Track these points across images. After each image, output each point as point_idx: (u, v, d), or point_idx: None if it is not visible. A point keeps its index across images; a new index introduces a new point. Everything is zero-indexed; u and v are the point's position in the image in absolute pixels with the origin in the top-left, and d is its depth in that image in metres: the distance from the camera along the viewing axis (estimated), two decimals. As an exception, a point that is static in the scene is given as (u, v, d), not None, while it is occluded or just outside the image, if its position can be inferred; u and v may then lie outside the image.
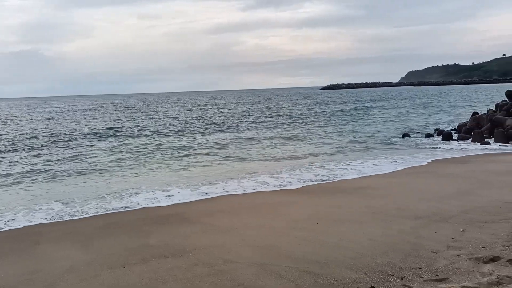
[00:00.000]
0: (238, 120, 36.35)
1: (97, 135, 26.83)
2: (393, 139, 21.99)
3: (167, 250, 6.25)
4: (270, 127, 29.83)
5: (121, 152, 19.16)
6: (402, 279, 4.78)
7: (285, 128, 28.81)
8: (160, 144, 21.55)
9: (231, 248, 6.14)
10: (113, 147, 20.97)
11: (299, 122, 33.18)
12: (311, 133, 25.77)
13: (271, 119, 37.29)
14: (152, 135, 26.31)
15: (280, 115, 41.32)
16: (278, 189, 10.85)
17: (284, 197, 9.74)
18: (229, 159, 16.59)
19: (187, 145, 20.90)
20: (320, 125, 30.52)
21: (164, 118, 41.77)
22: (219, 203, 9.44)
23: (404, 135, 22.90)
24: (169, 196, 10.49)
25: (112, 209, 9.38)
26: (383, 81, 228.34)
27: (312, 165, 14.50)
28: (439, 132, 22.33)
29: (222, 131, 28.19)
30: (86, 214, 9.02)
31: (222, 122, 34.73)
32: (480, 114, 23.24)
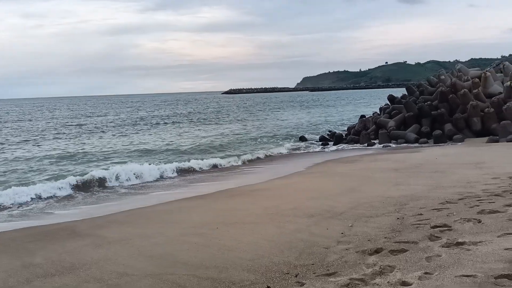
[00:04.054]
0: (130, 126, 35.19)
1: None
2: (288, 142, 22.90)
3: (53, 268, 5.75)
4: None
5: None
6: (296, 276, 4.95)
7: (179, 133, 28.49)
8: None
9: (125, 261, 5.84)
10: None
11: (191, 126, 33.04)
12: (214, 138, 25.80)
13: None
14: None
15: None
16: (179, 195, 10.64)
17: (181, 204, 9.58)
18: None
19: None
20: (214, 128, 30.69)
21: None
22: (111, 214, 8.97)
23: (301, 138, 23.97)
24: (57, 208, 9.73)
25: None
26: (281, 86, 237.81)
27: (210, 170, 14.50)
28: (331, 134, 23.75)
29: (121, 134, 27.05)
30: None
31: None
32: (367, 116, 25.22)
